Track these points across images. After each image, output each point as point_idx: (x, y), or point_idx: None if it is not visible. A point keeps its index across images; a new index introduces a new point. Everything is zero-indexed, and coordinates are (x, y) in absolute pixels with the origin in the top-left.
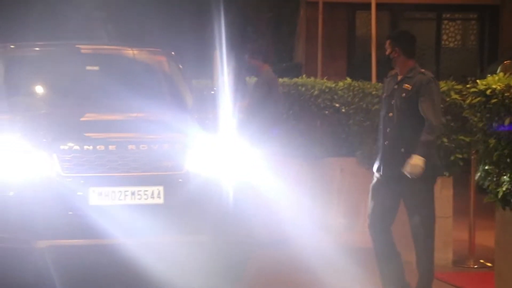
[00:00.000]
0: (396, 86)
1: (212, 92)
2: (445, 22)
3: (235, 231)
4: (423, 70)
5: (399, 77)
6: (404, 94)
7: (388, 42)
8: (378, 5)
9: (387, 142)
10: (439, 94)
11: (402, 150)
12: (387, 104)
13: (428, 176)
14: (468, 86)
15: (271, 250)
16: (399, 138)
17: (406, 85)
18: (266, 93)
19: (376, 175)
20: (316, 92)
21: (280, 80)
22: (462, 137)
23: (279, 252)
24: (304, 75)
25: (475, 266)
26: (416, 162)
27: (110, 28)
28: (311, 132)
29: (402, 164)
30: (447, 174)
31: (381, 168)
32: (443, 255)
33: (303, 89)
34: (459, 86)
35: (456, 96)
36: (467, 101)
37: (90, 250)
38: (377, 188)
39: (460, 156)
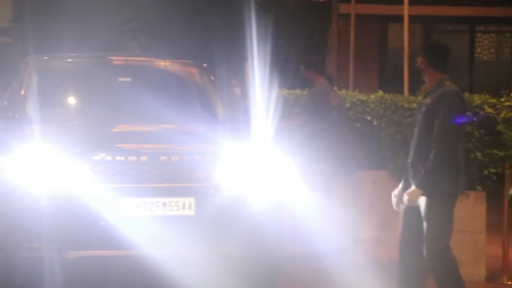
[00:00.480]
0: (423, 100)
1: (244, 102)
2: (479, 34)
3: (266, 244)
4: (448, 82)
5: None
6: (424, 108)
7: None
8: (410, 17)
9: (410, 159)
10: (451, 110)
11: (421, 169)
12: (415, 119)
13: (437, 196)
14: (502, 99)
15: (302, 264)
16: (418, 156)
17: (428, 99)
18: (322, 105)
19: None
20: (347, 105)
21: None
22: (495, 151)
23: (310, 266)
24: (335, 87)
25: (509, 283)
26: (411, 194)
27: (142, 40)
28: (342, 145)
29: (430, 178)
30: (480, 188)
31: (402, 186)
32: (475, 271)
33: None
34: (493, 100)
35: (490, 110)
36: (501, 115)
37: (120, 261)
38: (404, 207)
39: (493, 170)
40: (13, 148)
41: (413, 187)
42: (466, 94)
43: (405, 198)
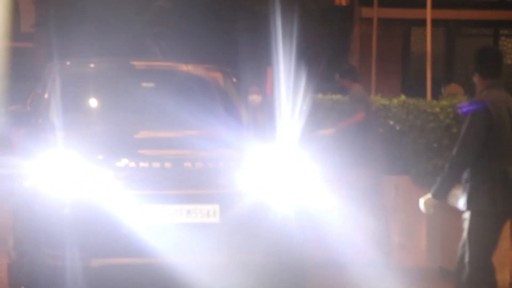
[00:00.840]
0: None
1: (267, 107)
2: (503, 38)
3: (291, 251)
4: (490, 91)
5: None
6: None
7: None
8: (433, 21)
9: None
10: (475, 121)
11: (464, 178)
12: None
13: (472, 209)
14: None
15: (326, 270)
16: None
17: None
18: (362, 111)
19: None
20: None
21: (334, 97)
22: None
23: (334, 272)
24: None
25: None
26: (426, 202)
27: (164, 45)
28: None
29: (464, 193)
30: None
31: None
32: (499, 276)
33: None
34: None
35: None
36: None
37: (144, 269)
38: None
39: None
40: (36, 155)
41: (429, 194)
42: None
43: (420, 204)
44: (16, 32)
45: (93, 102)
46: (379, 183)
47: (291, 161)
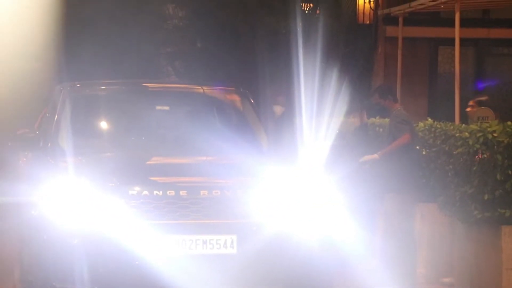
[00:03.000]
0: None
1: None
2: None
3: (313, 284)
4: None
5: None
6: None
7: None
8: (462, 40)
9: None
10: None
11: None
12: None
13: None
14: None
15: None
16: None
17: None
18: (407, 133)
19: None
20: None
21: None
22: None
23: None
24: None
25: None
26: None
27: (178, 65)
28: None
29: None
30: None
31: None
32: None
33: (381, 130)
34: None
35: None
36: None
37: None
38: None
39: None
40: (44, 182)
41: None
42: None
43: None
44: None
45: (104, 126)
46: (413, 210)
47: (314, 188)
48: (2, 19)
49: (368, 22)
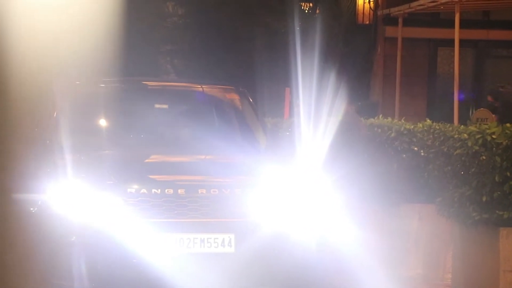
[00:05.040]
0: None
1: (287, 133)
2: None
3: (310, 283)
4: None
5: None
6: None
7: None
8: (461, 41)
9: None
10: None
11: None
12: None
13: None
14: None
15: None
16: None
17: None
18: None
19: None
20: (393, 134)
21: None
22: None
23: None
24: (380, 115)
25: None
26: None
27: (177, 63)
28: (387, 177)
29: None
30: None
31: None
32: None
33: (379, 130)
34: None
35: None
36: None
37: None
38: None
39: None
40: (42, 179)
41: None
42: None
43: None
44: None
45: (103, 124)
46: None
47: (312, 188)
48: None
49: (367, 22)
